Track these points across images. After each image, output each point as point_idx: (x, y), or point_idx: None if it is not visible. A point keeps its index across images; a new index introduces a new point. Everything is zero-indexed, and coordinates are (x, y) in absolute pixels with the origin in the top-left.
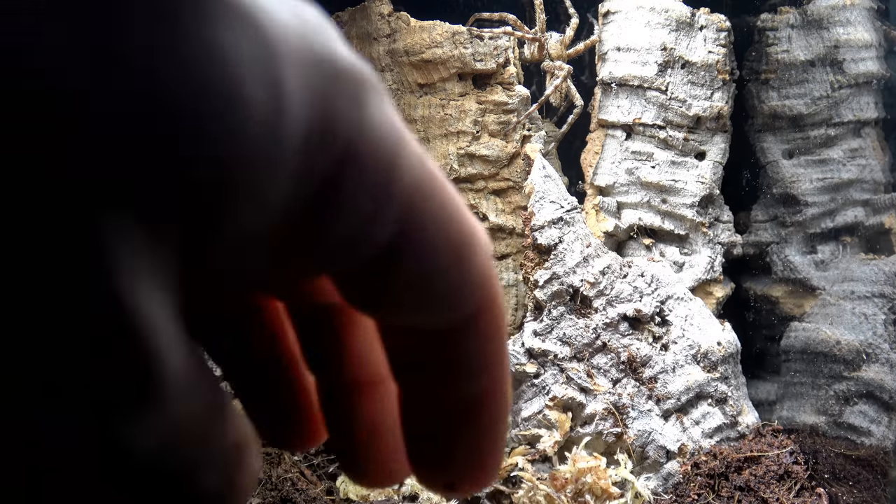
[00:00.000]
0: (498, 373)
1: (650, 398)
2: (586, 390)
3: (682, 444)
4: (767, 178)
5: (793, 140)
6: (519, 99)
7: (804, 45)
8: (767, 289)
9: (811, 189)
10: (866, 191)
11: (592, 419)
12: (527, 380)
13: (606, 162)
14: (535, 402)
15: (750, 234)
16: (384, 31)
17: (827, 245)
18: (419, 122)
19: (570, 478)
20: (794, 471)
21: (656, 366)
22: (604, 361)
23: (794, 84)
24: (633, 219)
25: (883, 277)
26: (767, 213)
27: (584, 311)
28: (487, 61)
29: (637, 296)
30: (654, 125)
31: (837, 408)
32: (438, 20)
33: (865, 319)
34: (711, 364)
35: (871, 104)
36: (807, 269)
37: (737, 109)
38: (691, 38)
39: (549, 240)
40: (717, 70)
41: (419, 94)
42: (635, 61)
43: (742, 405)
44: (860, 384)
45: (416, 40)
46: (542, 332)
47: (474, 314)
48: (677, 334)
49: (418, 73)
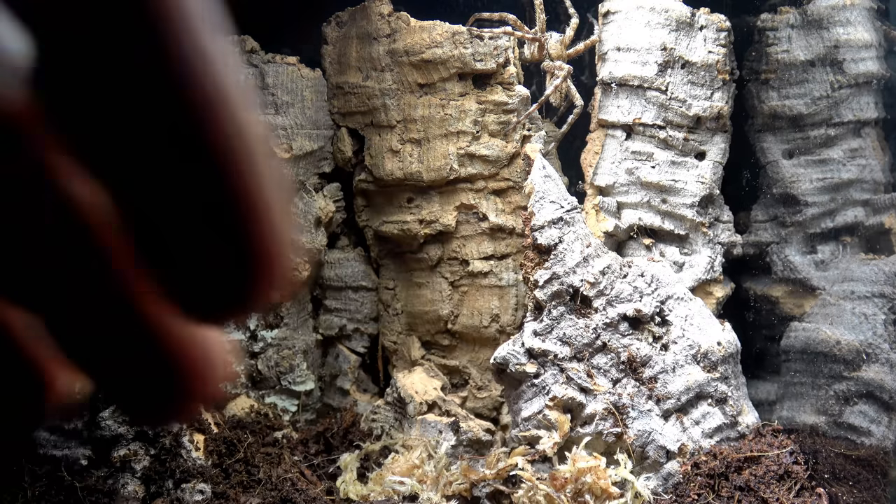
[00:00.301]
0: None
1: (650, 398)
2: (586, 390)
3: (682, 443)
4: (767, 178)
5: (793, 140)
6: (519, 99)
7: (804, 45)
8: (767, 289)
9: (811, 189)
10: (866, 191)
11: (592, 419)
12: (527, 380)
13: (606, 162)
14: (536, 402)
15: (750, 234)
16: (384, 31)
17: (827, 245)
18: (419, 121)
19: (569, 477)
20: (794, 471)
21: (656, 366)
22: (604, 361)
23: (794, 84)
24: (633, 219)
25: (883, 277)
26: (767, 213)
27: (584, 311)
28: (487, 61)
29: (637, 296)
30: (654, 125)
31: (837, 408)
32: (438, 20)
33: (865, 319)
34: (711, 364)
35: (871, 104)
36: (807, 269)
37: (737, 109)
38: (691, 38)
39: (549, 240)
40: (717, 70)
41: (419, 94)
42: (635, 61)
43: (742, 405)
44: (860, 384)
45: (416, 40)
46: (542, 332)
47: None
48: (677, 334)
49: (418, 73)
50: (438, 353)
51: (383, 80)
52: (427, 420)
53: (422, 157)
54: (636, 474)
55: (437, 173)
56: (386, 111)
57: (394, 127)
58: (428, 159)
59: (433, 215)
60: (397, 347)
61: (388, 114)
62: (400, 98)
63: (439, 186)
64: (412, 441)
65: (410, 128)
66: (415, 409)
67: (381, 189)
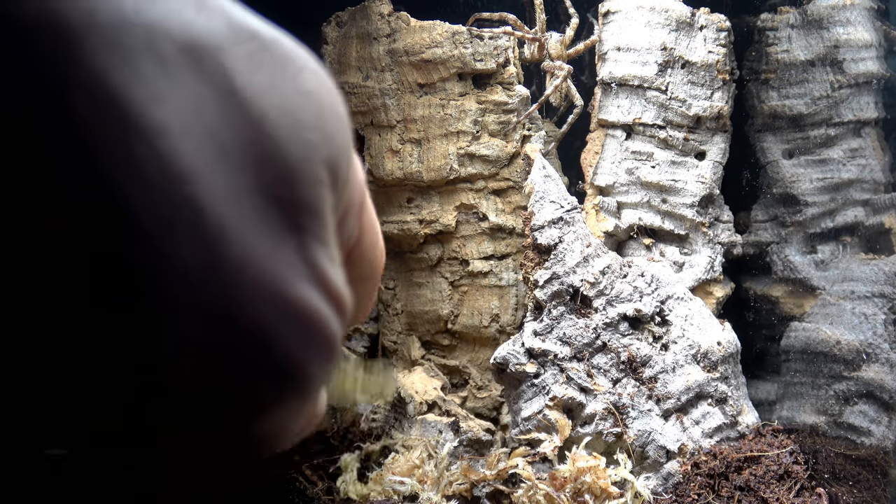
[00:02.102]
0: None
1: (650, 398)
2: (586, 390)
3: (682, 443)
4: (767, 178)
5: (793, 140)
6: (519, 99)
7: (804, 45)
8: (767, 289)
9: (811, 189)
10: (866, 191)
11: (592, 419)
12: (527, 380)
13: (606, 162)
14: (536, 402)
15: (750, 234)
16: (384, 31)
17: (827, 245)
18: (419, 122)
19: (569, 477)
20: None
21: (656, 366)
22: (604, 361)
23: (794, 84)
24: (633, 219)
25: (883, 277)
26: (767, 213)
27: (584, 311)
28: (487, 61)
29: (637, 296)
30: (654, 125)
31: (837, 408)
32: (438, 20)
33: (865, 319)
34: (711, 364)
35: (871, 104)
36: (807, 269)
37: (737, 109)
38: (691, 38)
39: (549, 240)
40: (717, 70)
41: (419, 94)
42: (635, 61)
43: (742, 405)
44: (860, 384)
45: (416, 40)
46: (542, 332)
47: (378, 268)
48: (677, 334)
49: (418, 73)
50: (438, 353)
51: (383, 80)
52: (427, 420)
53: (422, 156)
54: (636, 474)
55: (437, 173)
56: (386, 111)
57: (394, 127)
58: (428, 159)
59: (433, 215)
60: (397, 347)
61: (388, 114)
62: (400, 98)
63: (439, 186)
64: (412, 441)
65: (410, 128)
66: (415, 408)
67: (380, 189)
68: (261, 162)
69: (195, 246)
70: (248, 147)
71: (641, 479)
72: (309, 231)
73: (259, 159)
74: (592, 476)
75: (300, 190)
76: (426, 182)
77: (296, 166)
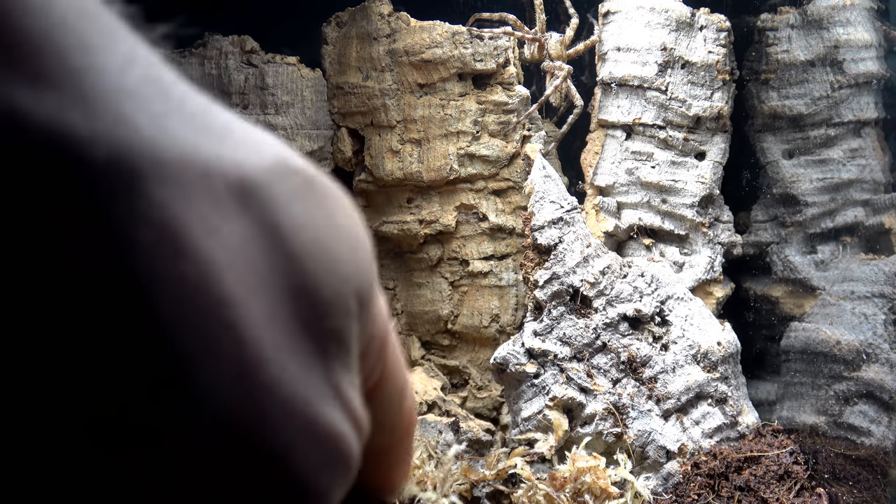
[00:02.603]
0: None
1: (650, 398)
2: (586, 390)
3: (682, 444)
4: (767, 178)
5: (793, 140)
6: (519, 99)
7: (804, 45)
8: (767, 289)
9: (811, 189)
10: (866, 191)
11: (592, 419)
12: (527, 380)
13: (606, 162)
14: (535, 402)
15: (750, 234)
16: (384, 31)
17: (827, 245)
18: (419, 122)
19: (569, 477)
20: (794, 471)
21: (656, 366)
22: (604, 361)
23: (794, 84)
24: (633, 219)
25: (883, 277)
26: (767, 213)
27: (584, 311)
28: (487, 61)
29: (637, 296)
30: (654, 125)
31: (837, 408)
32: (438, 20)
33: (865, 319)
34: (711, 364)
35: (871, 104)
36: (807, 269)
37: (737, 109)
38: (691, 38)
39: (549, 240)
40: (717, 70)
41: (419, 94)
42: (635, 61)
43: (742, 405)
44: (860, 384)
45: (416, 40)
46: (542, 332)
47: (406, 426)
48: (677, 334)
49: (418, 73)
50: (438, 353)
51: (383, 81)
52: (427, 420)
53: (422, 157)
54: (636, 474)
55: (437, 173)
56: (386, 111)
57: (394, 127)
58: (428, 159)
59: (433, 215)
60: None
61: (388, 114)
62: (400, 98)
63: (439, 186)
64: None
65: (410, 128)
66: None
67: (380, 189)
68: (297, 292)
69: (232, 365)
70: (287, 279)
71: (641, 480)
72: (337, 357)
73: (295, 290)
74: (592, 476)
75: (331, 320)
76: (426, 182)
77: (329, 299)
